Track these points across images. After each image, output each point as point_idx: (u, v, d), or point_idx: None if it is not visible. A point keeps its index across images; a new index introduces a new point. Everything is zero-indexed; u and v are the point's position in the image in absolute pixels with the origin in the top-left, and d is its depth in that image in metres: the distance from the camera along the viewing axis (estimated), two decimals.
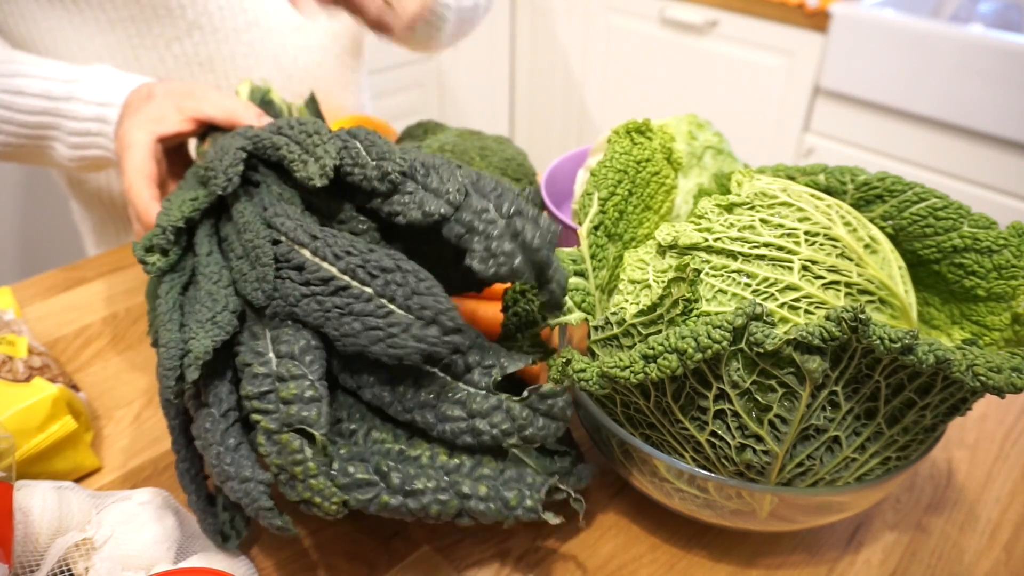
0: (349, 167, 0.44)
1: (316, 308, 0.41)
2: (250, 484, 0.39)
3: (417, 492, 0.38)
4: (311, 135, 0.46)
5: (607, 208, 0.50)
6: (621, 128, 0.53)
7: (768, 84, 1.72)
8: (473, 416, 0.40)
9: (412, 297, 0.39)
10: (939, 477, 0.55)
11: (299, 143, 0.46)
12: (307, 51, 0.87)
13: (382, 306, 0.39)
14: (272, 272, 0.42)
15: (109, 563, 0.42)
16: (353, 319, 0.40)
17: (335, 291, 0.41)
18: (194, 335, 0.41)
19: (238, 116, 0.58)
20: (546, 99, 2.33)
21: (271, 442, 0.38)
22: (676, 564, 0.48)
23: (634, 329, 0.43)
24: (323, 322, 0.41)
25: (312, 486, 0.37)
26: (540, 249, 0.40)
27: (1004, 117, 1.38)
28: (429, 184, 0.43)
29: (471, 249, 0.40)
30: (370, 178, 0.43)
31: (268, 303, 0.42)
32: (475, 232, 0.40)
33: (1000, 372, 0.35)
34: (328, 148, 0.44)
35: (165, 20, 0.76)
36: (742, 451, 0.40)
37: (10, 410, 0.48)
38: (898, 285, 0.43)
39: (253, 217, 0.45)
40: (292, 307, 0.42)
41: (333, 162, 0.44)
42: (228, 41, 0.80)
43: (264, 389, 0.39)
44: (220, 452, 0.40)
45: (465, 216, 0.41)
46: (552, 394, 0.40)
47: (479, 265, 0.40)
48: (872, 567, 0.48)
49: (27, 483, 0.44)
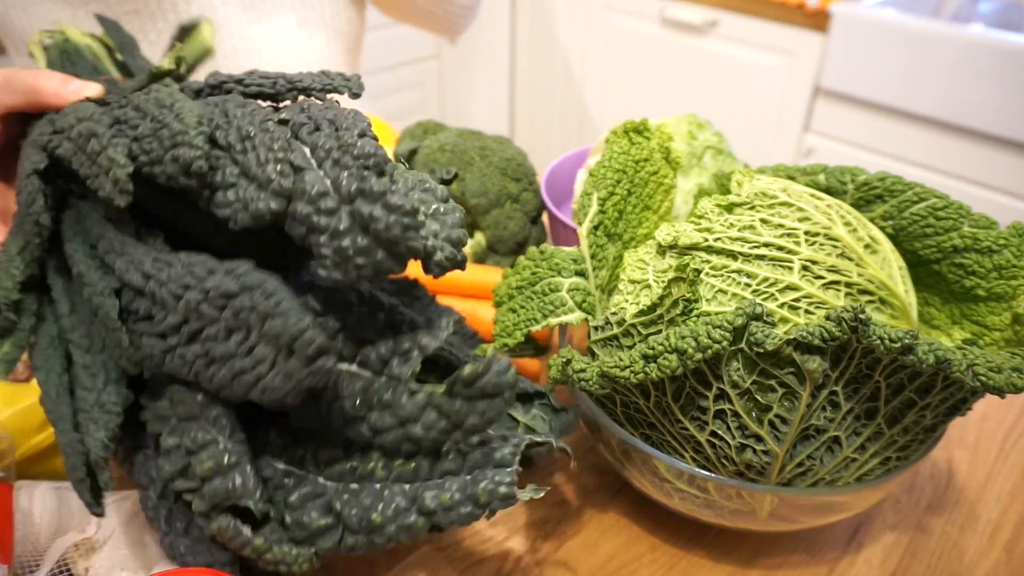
0: (147, 167, 0.34)
1: (181, 364, 0.33)
2: (215, 567, 0.36)
3: (376, 528, 0.34)
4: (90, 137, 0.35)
5: (606, 208, 0.50)
6: (619, 128, 0.53)
7: (768, 84, 1.72)
8: (404, 423, 0.34)
9: (265, 322, 0.31)
10: (939, 477, 0.55)
11: (84, 150, 0.36)
12: (312, 50, 0.87)
13: (241, 343, 0.32)
14: (124, 335, 0.35)
15: (109, 563, 0.41)
16: (218, 367, 0.32)
17: (190, 339, 0.33)
18: (85, 431, 0.35)
19: (40, 95, 0.43)
20: (546, 99, 2.32)
21: (210, 524, 0.34)
22: (676, 564, 0.48)
23: (634, 329, 0.43)
24: (194, 377, 0.33)
25: (269, 560, 0.33)
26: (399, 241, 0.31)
27: (1004, 117, 1.38)
28: (248, 166, 0.33)
29: (318, 256, 0.32)
30: (173, 176, 0.34)
31: (140, 369, 0.35)
32: (317, 231, 0.31)
33: (1000, 372, 0.35)
34: (113, 154, 0.34)
35: (168, 16, 0.76)
36: (742, 451, 0.40)
37: (10, 410, 0.48)
38: (898, 285, 0.43)
39: (86, 265, 0.37)
40: (160, 367, 0.34)
41: (125, 171, 0.34)
42: (231, 38, 0.80)
43: (180, 465, 0.34)
44: (172, 541, 0.36)
45: (300, 209, 0.32)
46: (475, 375, 0.33)
47: (334, 275, 0.32)
48: (872, 567, 0.48)
49: (27, 483, 0.44)
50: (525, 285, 0.49)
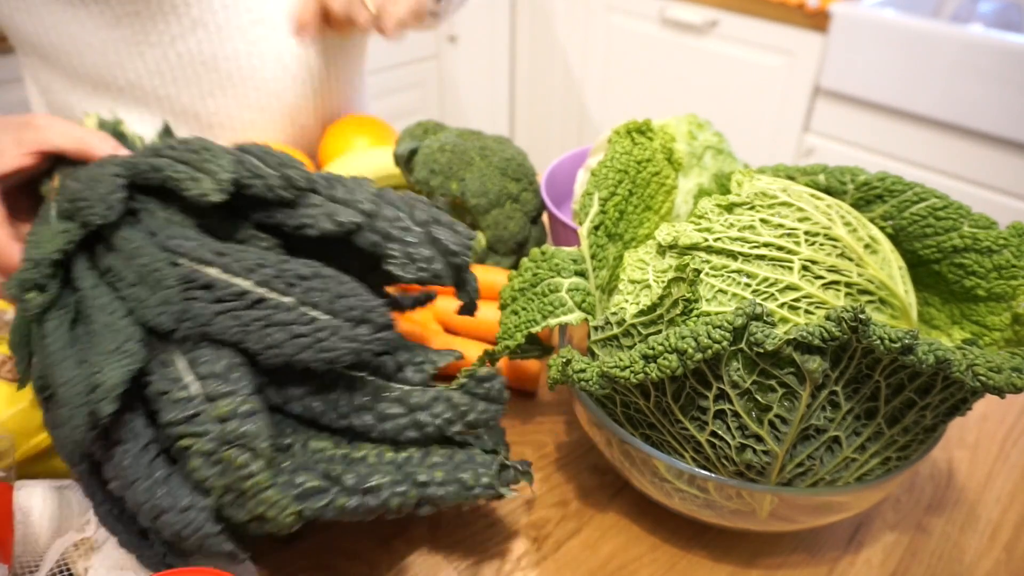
0: (247, 179, 0.42)
1: (233, 324, 0.38)
2: (191, 512, 0.36)
3: (374, 489, 0.38)
4: (198, 151, 0.43)
5: (608, 208, 0.50)
6: (622, 128, 0.53)
7: (768, 84, 1.72)
8: (414, 410, 0.40)
9: (336, 301, 0.38)
10: (939, 477, 0.55)
11: (185, 162, 0.43)
12: (312, 50, 0.86)
13: (304, 314, 0.38)
14: (177, 293, 0.39)
15: (109, 563, 0.42)
16: (276, 329, 0.38)
17: (251, 304, 0.39)
18: (98, 369, 0.37)
19: (91, 146, 0.49)
20: (546, 99, 2.33)
21: (209, 464, 0.36)
22: (676, 564, 0.48)
23: (634, 329, 0.43)
24: (242, 337, 0.38)
25: (264, 499, 0.36)
26: (459, 254, 0.42)
27: (1004, 117, 1.38)
28: (335, 195, 0.42)
29: (388, 255, 0.40)
30: (273, 187, 0.42)
31: (177, 326, 0.39)
32: (391, 239, 0.40)
33: (1000, 372, 0.35)
34: (222, 162, 0.42)
35: (169, 17, 0.76)
36: (742, 451, 0.40)
37: (10, 410, 0.48)
38: (898, 285, 0.43)
39: (144, 242, 0.42)
40: (204, 327, 0.39)
41: (230, 175, 0.41)
42: (232, 39, 0.80)
43: (190, 413, 0.37)
44: (148, 486, 0.37)
45: (379, 224, 0.41)
46: (488, 377, 0.40)
47: (398, 270, 0.40)
48: (872, 567, 0.48)
49: (27, 483, 0.44)
50: (527, 287, 0.49)
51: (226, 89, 0.82)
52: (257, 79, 0.83)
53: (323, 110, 0.91)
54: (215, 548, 0.36)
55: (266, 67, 0.83)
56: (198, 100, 0.82)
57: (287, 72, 0.85)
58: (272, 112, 0.86)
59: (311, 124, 0.90)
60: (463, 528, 0.50)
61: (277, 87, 0.85)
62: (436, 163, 0.66)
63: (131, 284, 0.41)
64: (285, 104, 0.86)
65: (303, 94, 0.87)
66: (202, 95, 0.82)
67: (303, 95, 0.87)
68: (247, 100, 0.84)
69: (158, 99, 0.81)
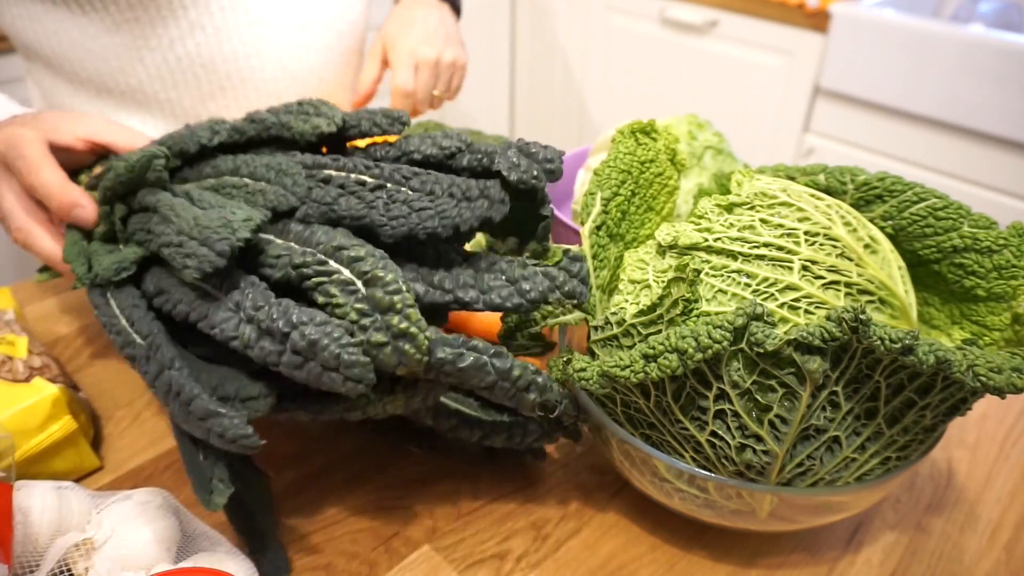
0: (352, 123, 0.50)
1: (357, 202, 0.43)
2: (328, 325, 0.37)
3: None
4: (303, 104, 0.51)
5: (610, 208, 0.50)
6: (625, 128, 0.53)
7: (768, 84, 1.72)
8: (515, 281, 0.42)
9: (452, 186, 0.43)
10: (939, 477, 0.55)
11: (291, 112, 0.51)
12: (312, 50, 0.86)
13: (421, 198, 0.42)
14: (303, 176, 0.44)
15: (109, 563, 0.42)
16: (400, 205, 0.42)
17: (375, 188, 0.43)
18: (231, 211, 0.40)
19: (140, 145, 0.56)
20: (546, 99, 2.33)
21: (346, 292, 0.38)
22: (676, 564, 0.48)
23: (634, 329, 0.43)
24: (366, 212, 0.42)
25: (410, 316, 0.37)
26: (552, 160, 0.45)
27: (1004, 117, 1.38)
28: (433, 135, 0.48)
29: (496, 164, 0.44)
30: (380, 124, 0.49)
31: (300, 204, 0.43)
32: (492, 155, 0.45)
33: (1000, 372, 0.35)
34: (330, 108, 0.50)
35: (168, 20, 0.76)
36: (742, 451, 0.40)
37: (10, 410, 0.48)
38: (898, 285, 0.43)
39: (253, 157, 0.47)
40: (329, 205, 0.43)
41: (340, 114, 0.49)
42: (231, 41, 0.80)
43: (321, 257, 0.39)
44: (283, 307, 0.38)
45: (478, 147, 0.46)
46: (579, 257, 0.43)
47: (508, 172, 0.43)
48: (872, 567, 0.48)
49: (27, 483, 0.44)
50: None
51: (226, 91, 0.83)
52: (256, 80, 0.83)
53: None
54: (349, 358, 0.36)
55: (265, 68, 0.83)
56: (199, 103, 0.82)
57: (286, 72, 0.85)
58: None
59: None
60: (463, 528, 0.50)
61: (276, 87, 0.85)
62: None
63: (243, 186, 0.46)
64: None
65: (302, 94, 0.87)
66: (203, 98, 0.82)
67: (302, 95, 0.87)
68: (247, 101, 0.84)
69: (159, 103, 0.81)
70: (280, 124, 0.50)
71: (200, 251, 0.38)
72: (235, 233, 0.39)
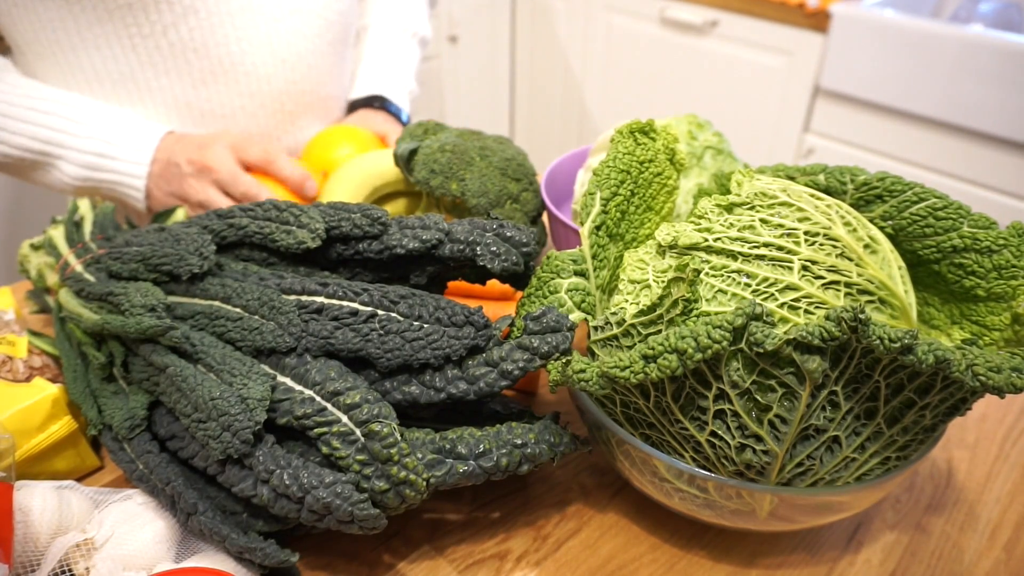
0: (335, 223, 0.51)
1: (353, 335, 0.45)
2: (337, 485, 0.40)
3: (485, 453, 0.43)
4: (283, 210, 0.52)
5: (609, 208, 0.50)
6: (625, 128, 0.53)
7: (768, 84, 1.72)
8: (497, 364, 0.45)
9: (437, 311, 0.45)
10: (939, 477, 0.55)
11: (270, 219, 0.52)
12: (302, 37, 0.88)
13: (411, 325, 0.45)
14: (297, 315, 0.46)
15: (109, 563, 0.42)
16: (392, 337, 0.45)
17: (367, 319, 0.46)
18: (242, 386, 0.43)
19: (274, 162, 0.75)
20: (546, 99, 2.33)
21: (347, 443, 0.41)
22: (676, 564, 0.48)
23: (634, 329, 0.43)
24: (363, 345, 0.45)
25: (407, 464, 0.41)
26: (528, 244, 0.49)
27: (1004, 117, 1.38)
28: (412, 224, 0.50)
29: (476, 256, 0.48)
30: (361, 225, 0.50)
31: (297, 344, 0.46)
32: (473, 244, 0.48)
33: (1000, 372, 0.35)
34: (312, 214, 0.51)
35: (161, 5, 0.77)
36: (742, 451, 0.40)
37: (10, 410, 0.48)
38: (898, 285, 0.43)
39: (243, 282, 0.49)
40: (326, 339, 0.45)
41: (322, 225, 0.50)
42: (223, 26, 0.81)
43: (318, 407, 0.42)
44: (292, 472, 0.41)
45: (458, 236, 0.49)
46: (541, 314, 0.46)
47: (490, 264, 0.48)
48: (872, 567, 0.48)
49: (27, 483, 0.44)
50: (532, 290, 0.50)
51: (217, 76, 0.84)
52: (247, 64, 0.84)
53: (312, 95, 0.92)
54: (362, 512, 0.40)
55: (255, 52, 0.85)
56: (190, 89, 0.83)
57: (275, 57, 0.86)
58: (262, 97, 0.87)
59: (299, 110, 0.91)
60: (463, 528, 0.50)
61: (266, 71, 0.86)
62: (436, 163, 0.66)
63: (235, 320, 0.48)
64: (274, 89, 0.88)
65: (291, 80, 0.89)
66: (194, 84, 0.83)
67: (291, 81, 0.89)
68: (237, 86, 0.85)
69: (151, 91, 0.82)
70: (263, 235, 0.52)
71: (224, 436, 0.42)
72: (253, 417, 0.42)
